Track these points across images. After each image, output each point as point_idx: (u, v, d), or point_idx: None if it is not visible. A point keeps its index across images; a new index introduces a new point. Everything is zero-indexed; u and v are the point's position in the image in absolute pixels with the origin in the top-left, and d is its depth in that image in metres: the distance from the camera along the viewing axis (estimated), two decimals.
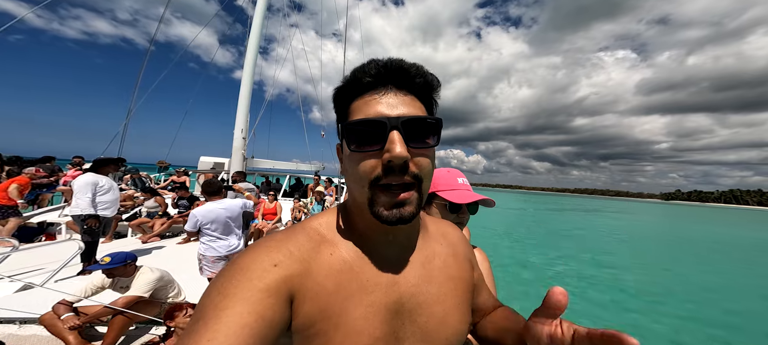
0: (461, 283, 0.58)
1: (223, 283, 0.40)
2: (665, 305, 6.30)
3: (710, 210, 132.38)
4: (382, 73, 0.46)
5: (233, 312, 0.36)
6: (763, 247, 16.53)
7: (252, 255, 0.44)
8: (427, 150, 0.46)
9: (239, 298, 0.38)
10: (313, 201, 5.98)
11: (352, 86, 0.48)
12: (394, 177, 0.44)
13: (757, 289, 7.74)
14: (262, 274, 0.41)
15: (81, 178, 3.63)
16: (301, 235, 0.50)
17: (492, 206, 1.10)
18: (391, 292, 0.49)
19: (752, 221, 44.99)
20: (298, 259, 0.46)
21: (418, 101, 0.48)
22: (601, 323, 4.78)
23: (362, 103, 0.46)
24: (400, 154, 0.42)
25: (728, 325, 5.52)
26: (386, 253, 0.52)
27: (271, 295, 0.40)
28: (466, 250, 0.65)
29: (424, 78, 0.48)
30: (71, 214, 3.66)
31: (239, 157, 6.60)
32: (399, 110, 0.45)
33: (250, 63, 6.92)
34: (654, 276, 8.75)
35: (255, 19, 7.11)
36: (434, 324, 0.51)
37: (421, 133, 0.45)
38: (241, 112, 6.67)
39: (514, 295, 6.12)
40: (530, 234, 15.82)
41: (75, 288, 2.39)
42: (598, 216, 33.02)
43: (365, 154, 0.45)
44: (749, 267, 10.89)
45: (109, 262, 2.23)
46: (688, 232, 22.84)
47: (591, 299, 6.45)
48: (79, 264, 3.45)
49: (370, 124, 0.44)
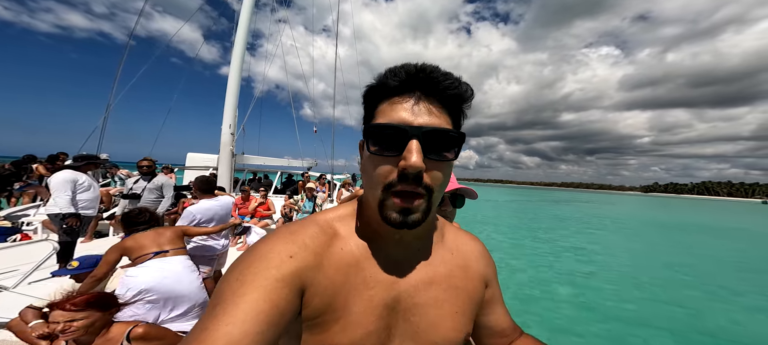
0: (464, 295, 0.58)
1: (242, 271, 0.42)
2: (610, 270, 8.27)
3: (681, 200, 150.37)
4: (411, 78, 0.45)
5: (250, 298, 0.38)
6: (681, 227, 20.72)
7: (270, 244, 0.46)
8: (444, 163, 0.46)
9: (256, 285, 0.40)
10: (303, 198, 5.87)
11: (380, 87, 0.48)
12: (407, 185, 0.44)
13: (658, 259, 10.12)
14: (279, 264, 0.43)
15: (59, 174, 3.44)
16: (315, 227, 0.51)
17: (475, 198, 1.11)
18: (390, 289, 0.51)
19: (706, 209, 50.90)
20: (312, 251, 0.47)
21: (445, 112, 0.47)
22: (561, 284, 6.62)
23: (388, 107, 0.46)
24: (415, 165, 0.42)
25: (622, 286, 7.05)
26: (393, 253, 0.53)
27: (286, 285, 0.42)
28: (482, 267, 0.63)
29: (455, 88, 0.46)
30: (48, 213, 3.47)
31: (227, 153, 6.42)
32: (423, 119, 0.44)
33: (238, 56, 6.72)
34: (610, 253, 10.76)
35: (243, 11, 6.90)
36: (425, 325, 0.52)
37: (441, 146, 0.45)
38: (229, 106, 6.48)
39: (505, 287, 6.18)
40: (505, 222, 17.42)
41: (46, 292, 2.24)
42: (572, 206, 36.42)
43: (383, 158, 0.45)
44: (658, 243, 13.77)
45: (77, 267, 2.09)
46: (648, 218, 27.15)
47: (558, 270, 7.92)
48: (56, 265, 3.28)
49: (391, 129, 0.44)
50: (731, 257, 10.94)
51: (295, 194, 7.34)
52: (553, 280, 7.03)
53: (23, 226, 4.65)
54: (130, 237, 2.18)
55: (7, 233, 4.19)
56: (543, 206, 33.53)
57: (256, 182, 9.20)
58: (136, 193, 3.89)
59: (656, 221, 24.25)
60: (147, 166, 4.18)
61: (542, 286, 6.54)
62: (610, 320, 5.03)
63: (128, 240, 2.15)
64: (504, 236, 12.59)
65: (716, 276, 8.23)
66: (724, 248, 12.94)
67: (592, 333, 4.58)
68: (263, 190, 5.96)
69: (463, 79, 0.48)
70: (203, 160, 8.05)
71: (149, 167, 4.20)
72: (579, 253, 9.92)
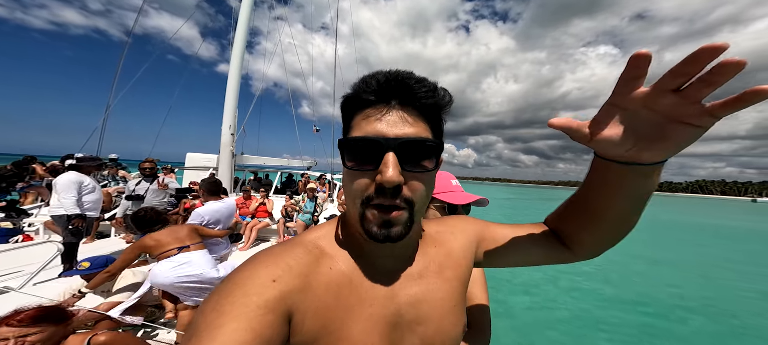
0: (456, 282, 0.56)
1: (219, 300, 0.38)
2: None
3: (672, 199, 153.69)
4: (384, 87, 0.43)
5: (229, 329, 0.35)
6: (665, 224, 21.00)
7: (249, 270, 0.43)
8: (423, 174, 0.44)
9: (235, 315, 0.36)
10: (304, 198, 5.90)
11: (354, 99, 0.46)
12: (385, 198, 0.42)
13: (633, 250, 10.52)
14: (261, 290, 0.40)
15: (64, 176, 3.45)
16: (299, 248, 0.49)
17: (486, 205, 1.14)
18: (389, 304, 0.49)
19: (690, 207, 52.09)
20: (298, 273, 0.44)
21: (422, 120, 0.45)
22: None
23: (362, 119, 0.45)
24: (391, 179, 0.40)
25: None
26: (384, 265, 0.51)
27: (269, 311, 0.39)
28: (462, 239, 0.62)
29: (431, 96, 0.44)
30: (52, 214, 3.48)
31: (228, 154, 6.43)
32: (399, 129, 0.43)
33: (238, 56, 6.72)
34: None
35: (242, 9, 6.89)
36: (432, 333, 0.51)
37: (419, 156, 0.44)
38: (229, 107, 6.48)
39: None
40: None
41: (54, 292, 2.28)
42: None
43: (360, 173, 0.44)
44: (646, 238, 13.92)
45: (88, 268, 2.13)
46: (651, 217, 27.86)
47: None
48: (59, 266, 3.29)
49: (366, 142, 0.43)
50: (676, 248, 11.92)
51: (295, 194, 7.37)
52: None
53: (24, 228, 4.66)
54: (147, 236, 2.31)
55: (9, 234, 4.19)
56: (536, 204, 34.79)
57: (256, 182, 9.21)
58: (139, 195, 3.90)
59: (647, 220, 25.01)
60: (149, 167, 4.18)
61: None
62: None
63: (146, 238, 2.29)
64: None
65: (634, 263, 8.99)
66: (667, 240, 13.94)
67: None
68: (264, 190, 5.97)
69: (439, 85, 0.46)
70: (203, 160, 8.04)
71: (152, 169, 4.21)
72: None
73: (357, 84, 0.46)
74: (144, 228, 2.46)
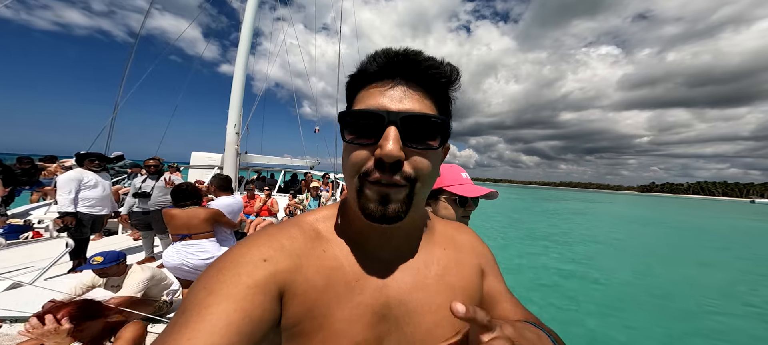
0: (461, 293, 0.52)
1: (209, 280, 0.38)
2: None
3: (674, 200, 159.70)
4: (391, 62, 0.42)
5: (218, 309, 0.34)
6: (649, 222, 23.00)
7: (241, 250, 0.42)
8: (427, 152, 0.43)
9: (225, 294, 0.36)
10: (308, 197, 5.94)
11: (361, 75, 0.45)
12: (384, 174, 0.40)
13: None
14: (251, 270, 0.39)
15: (65, 174, 3.50)
16: (294, 228, 0.48)
17: (495, 198, 1.14)
18: (379, 295, 0.47)
19: (687, 208, 54.01)
20: (290, 253, 0.44)
21: (428, 97, 0.43)
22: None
23: (366, 94, 0.43)
24: (391, 152, 0.39)
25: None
26: (380, 255, 0.49)
27: (260, 291, 0.38)
28: (475, 258, 0.58)
29: (437, 71, 0.43)
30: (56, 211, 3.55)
31: (232, 153, 6.48)
32: (403, 105, 0.41)
33: (243, 56, 6.76)
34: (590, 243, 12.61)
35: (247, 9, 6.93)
36: (421, 334, 0.47)
37: (423, 133, 0.42)
38: (234, 106, 6.53)
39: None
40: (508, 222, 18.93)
41: (65, 286, 2.33)
42: (559, 204, 38.79)
43: (359, 146, 0.42)
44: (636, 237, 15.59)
45: (101, 262, 2.17)
46: (625, 214, 29.79)
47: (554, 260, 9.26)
48: (69, 261, 3.35)
49: (367, 115, 0.41)
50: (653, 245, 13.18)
51: (298, 193, 7.42)
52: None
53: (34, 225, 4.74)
54: (173, 209, 2.67)
55: (19, 231, 4.27)
56: (534, 204, 35.76)
57: (260, 181, 9.27)
58: (145, 192, 3.96)
59: (629, 216, 26.54)
60: (154, 165, 4.24)
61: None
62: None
63: (170, 209, 2.67)
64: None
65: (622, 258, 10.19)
66: (654, 237, 15.31)
67: None
68: (267, 189, 6.02)
69: (445, 62, 0.45)
70: (207, 159, 8.11)
71: (157, 166, 4.26)
72: (548, 238, 12.72)
73: (364, 60, 0.45)
74: (178, 201, 2.69)
